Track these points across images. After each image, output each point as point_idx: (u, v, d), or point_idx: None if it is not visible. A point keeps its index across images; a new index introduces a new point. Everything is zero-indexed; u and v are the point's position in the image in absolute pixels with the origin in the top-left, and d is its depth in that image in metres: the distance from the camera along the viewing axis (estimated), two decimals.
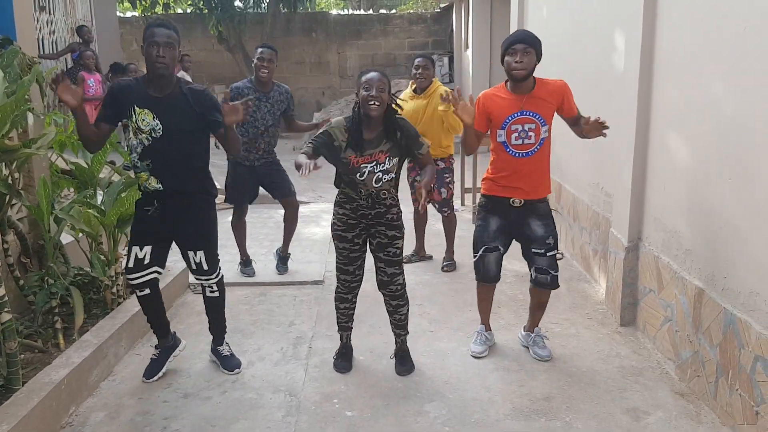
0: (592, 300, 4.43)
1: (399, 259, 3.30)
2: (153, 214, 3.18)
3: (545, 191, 3.45)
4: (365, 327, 3.93)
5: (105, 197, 3.82)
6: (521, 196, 3.38)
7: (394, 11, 18.15)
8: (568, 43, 5.33)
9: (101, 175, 4.15)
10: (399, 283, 3.32)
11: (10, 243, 3.57)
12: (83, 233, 3.80)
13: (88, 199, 3.80)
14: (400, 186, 3.36)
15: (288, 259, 5.10)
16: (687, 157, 3.27)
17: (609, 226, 4.29)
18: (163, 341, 3.41)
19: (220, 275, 3.42)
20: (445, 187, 5.00)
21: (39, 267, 3.80)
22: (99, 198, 3.97)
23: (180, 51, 3.11)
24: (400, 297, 3.35)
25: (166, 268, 4.44)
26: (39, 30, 8.69)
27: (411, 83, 4.96)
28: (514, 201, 3.40)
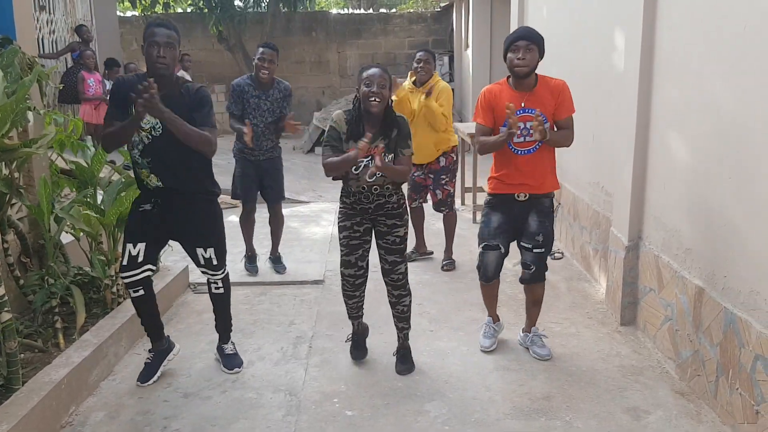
0: (592, 299, 4.42)
1: (399, 248, 3.30)
2: (152, 211, 3.17)
3: (552, 186, 3.46)
4: None
5: (105, 197, 3.82)
6: (526, 190, 3.40)
7: (394, 10, 18.15)
8: (568, 43, 5.33)
9: (101, 175, 4.15)
10: (400, 272, 3.32)
11: (10, 242, 3.57)
12: (83, 233, 3.80)
13: (88, 199, 3.80)
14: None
15: (281, 259, 5.09)
16: (687, 157, 3.27)
17: (609, 225, 4.29)
18: (157, 344, 3.40)
19: (226, 272, 3.43)
20: (441, 189, 4.99)
21: (39, 266, 3.80)
22: (99, 197, 3.97)
23: (180, 50, 3.11)
24: (401, 287, 3.35)
25: (166, 267, 4.49)
26: (39, 29, 8.68)
27: (410, 74, 4.96)
28: (519, 195, 3.41)
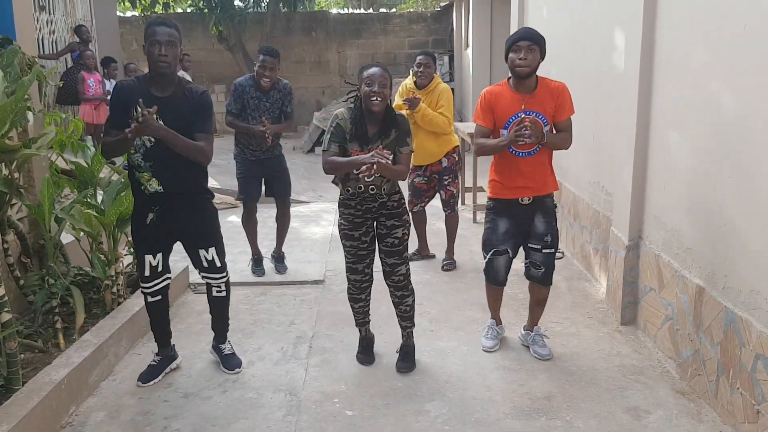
0: (592, 299, 4.42)
1: (399, 249, 3.30)
2: (158, 219, 3.16)
3: (552, 187, 3.46)
4: None
5: (105, 197, 3.82)
6: (530, 194, 3.39)
7: (394, 10, 18.13)
8: (568, 43, 5.33)
9: (101, 175, 4.15)
10: (401, 274, 3.32)
11: (10, 243, 3.57)
12: (83, 233, 3.80)
13: (88, 199, 3.80)
14: (401, 187, 3.36)
15: (284, 258, 5.09)
16: (687, 156, 3.27)
17: (609, 224, 4.29)
18: (164, 350, 3.42)
19: (228, 275, 3.42)
20: (444, 190, 4.99)
21: (39, 267, 3.80)
22: (99, 197, 3.97)
23: (181, 50, 3.10)
24: (403, 288, 3.35)
25: None
26: (39, 30, 8.67)
27: (411, 76, 4.96)
28: (523, 199, 3.40)
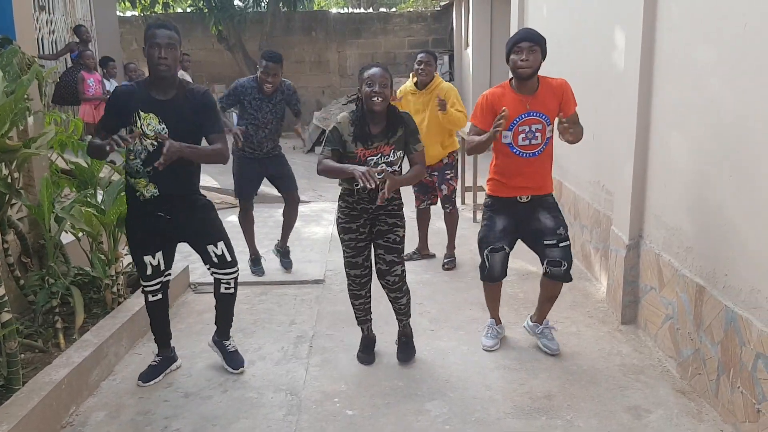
0: (593, 298, 4.42)
1: (399, 247, 3.31)
2: (156, 220, 3.14)
3: (550, 188, 3.47)
4: None
5: (105, 197, 3.82)
6: (529, 192, 3.40)
7: (393, 10, 18.10)
8: (568, 43, 5.32)
9: (101, 175, 4.15)
10: (397, 274, 3.32)
11: (10, 243, 3.57)
12: (83, 233, 3.80)
13: (88, 199, 3.80)
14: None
15: (289, 253, 5.10)
16: (687, 156, 3.27)
17: (610, 224, 4.29)
18: (165, 351, 3.41)
19: (238, 271, 3.39)
20: (446, 184, 4.98)
21: (39, 267, 3.80)
22: (99, 197, 3.97)
23: (181, 51, 3.10)
24: (398, 290, 3.36)
25: None
26: (38, 30, 8.68)
27: (411, 75, 4.96)
28: (521, 197, 3.40)
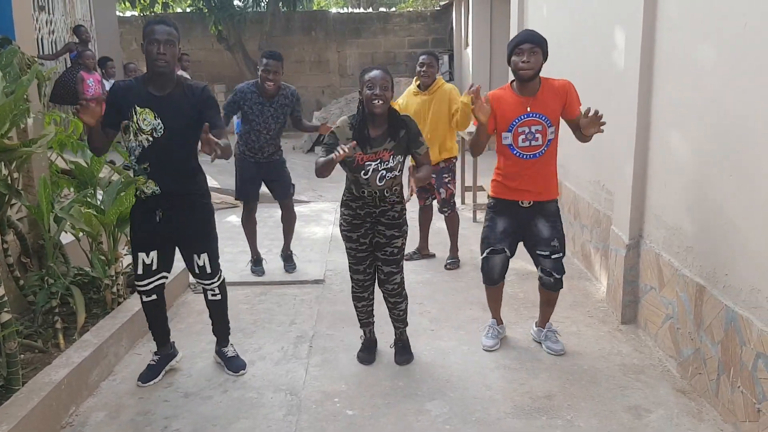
0: (593, 298, 4.42)
1: (396, 258, 3.31)
2: (156, 219, 3.15)
3: (554, 193, 3.44)
4: None
5: (104, 196, 3.81)
6: (530, 198, 3.38)
7: (393, 9, 18.10)
8: (568, 42, 5.32)
9: (101, 175, 4.15)
10: (396, 282, 3.34)
11: (9, 243, 3.57)
12: (83, 233, 3.79)
13: (87, 199, 3.79)
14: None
15: (292, 257, 5.10)
16: (687, 155, 3.27)
17: (610, 223, 4.29)
18: (163, 349, 3.41)
19: (221, 278, 3.40)
20: (444, 188, 4.97)
21: (39, 267, 3.79)
22: (99, 197, 3.97)
23: (180, 49, 3.09)
24: (397, 295, 3.38)
25: None
26: (38, 30, 8.68)
27: (415, 79, 4.96)
28: (523, 202, 3.40)
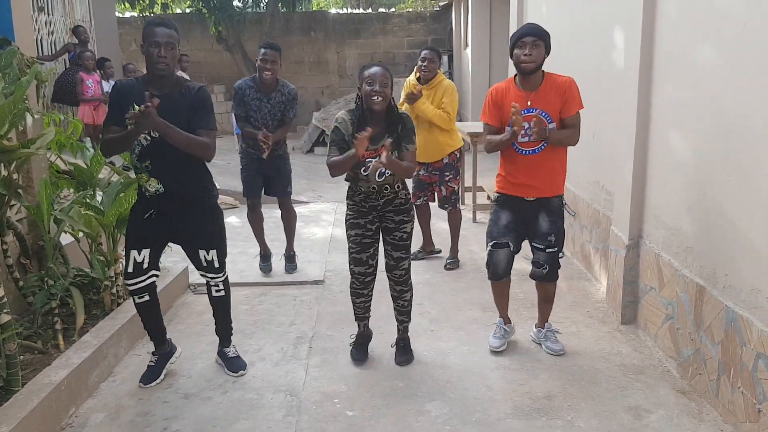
0: (592, 298, 4.42)
1: (406, 243, 3.35)
2: (152, 217, 3.15)
3: (558, 189, 3.43)
4: None
5: (104, 197, 3.81)
6: (535, 194, 3.38)
7: (393, 10, 18.09)
8: (567, 42, 5.31)
9: (100, 176, 4.14)
10: (404, 268, 3.37)
11: (9, 244, 3.56)
12: (83, 234, 3.79)
13: (87, 200, 3.79)
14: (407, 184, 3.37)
15: (294, 258, 5.10)
16: (687, 155, 3.27)
17: (609, 224, 4.29)
18: (161, 348, 3.40)
19: (226, 274, 3.41)
20: (444, 186, 4.98)
21: (38, 268, 3.79)
22: (98, 198, 3.96)
23: (179, 50, 3.10)
24: (403, 283, 3.41)
25: (165, 268, 4.47)
26: (37, 31, 8.66)
27: (414, 72, 4.96)
28: (528, 198, 3.40)
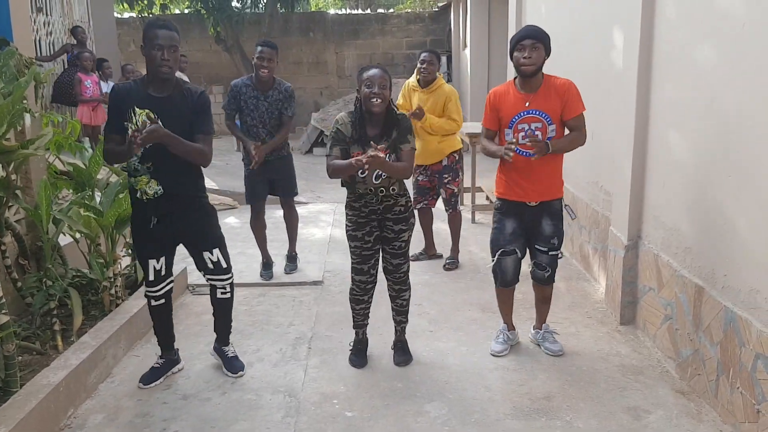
0: (591, 299, 4.42)
1: (404, 251, 3.38)
2: (159, 223, 3.14)
3: (558, 192, 3.43)
4: None
5: (103, 198, 3.80)
6: (536, 198, 3.37)
7: (391, 10, 18.12)
8: (566, 43, 5.31)
9: (99, 176, 4.14)
10: (403, 271, 3.41)
11: (7, 245, 3.56)
12: (81, 234, 3.79)
13: (86, 201, 3.79)
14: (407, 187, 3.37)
15: (295, 258, 5.08)
16: (686, 155, 3.27)
17: (608, 224, 4.29)
18: (168, 353, 3.41)
19: (233, 276, 3.40)
20: (444, 188, 4.98)
21: (37, 269, 3.79)
22: (97, 199, 3.96)
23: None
24: (402, 283, 3.44)
25: None
26: (36, 31, 8.65)
27: (414, 74, 4.97)
28: (530, 203, 3.39)
